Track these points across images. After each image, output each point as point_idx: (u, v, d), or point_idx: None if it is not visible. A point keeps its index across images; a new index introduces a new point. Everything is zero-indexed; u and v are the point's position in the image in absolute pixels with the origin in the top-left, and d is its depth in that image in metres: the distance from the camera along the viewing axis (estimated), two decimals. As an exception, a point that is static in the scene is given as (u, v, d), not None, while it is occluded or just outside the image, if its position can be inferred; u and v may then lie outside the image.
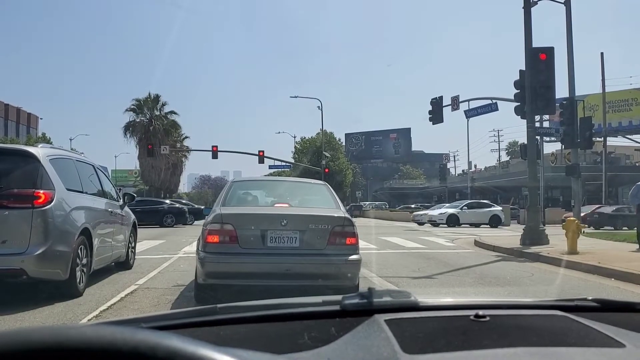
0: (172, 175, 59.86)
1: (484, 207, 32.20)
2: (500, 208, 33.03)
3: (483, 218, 30.80)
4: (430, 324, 1.23)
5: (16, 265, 5.93)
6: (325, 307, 1.32)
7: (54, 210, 6.27)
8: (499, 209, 32.53)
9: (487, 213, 31.27)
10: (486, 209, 31.95)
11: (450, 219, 30.19)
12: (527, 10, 14.73)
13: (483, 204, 33.64)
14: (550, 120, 42.86)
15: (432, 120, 22.01)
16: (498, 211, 31.83)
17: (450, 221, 30.00)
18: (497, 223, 30.34)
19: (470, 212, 31.07)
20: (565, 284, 8.44)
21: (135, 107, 54.87)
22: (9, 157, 6.72)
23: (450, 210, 31.53)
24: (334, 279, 6.09)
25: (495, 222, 30.37)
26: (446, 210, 31.88)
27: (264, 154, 41.01)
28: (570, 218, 12.45)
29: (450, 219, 30.14)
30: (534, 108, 14.46)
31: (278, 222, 6.00)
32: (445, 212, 31.36)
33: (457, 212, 30.94)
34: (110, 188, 9.24)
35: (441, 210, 32.91)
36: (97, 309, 5.97)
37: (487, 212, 31.44)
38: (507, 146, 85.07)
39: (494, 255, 12.91)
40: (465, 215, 30.81)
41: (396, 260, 11.27)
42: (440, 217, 30.73)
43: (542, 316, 1.34)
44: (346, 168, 62.59)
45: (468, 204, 32.63)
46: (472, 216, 30.88)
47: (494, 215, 31.04)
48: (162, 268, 9.50)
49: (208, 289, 6.08)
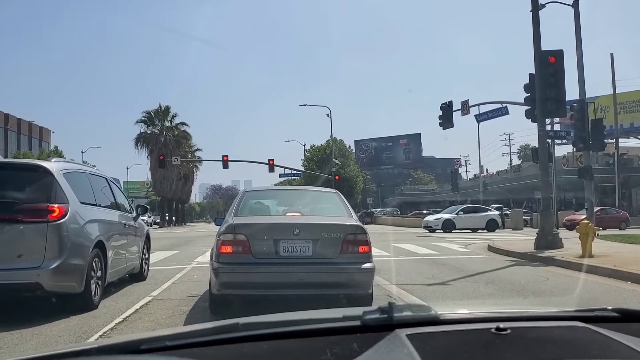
0: (184, 186, 60.27)
1: (480, 212, 31.82)
2: (497, 212, 32.69)
3: (480, 223, 30.35)
4: (452, 337, 1.23)
5: (32, 279, 5.97)
6: (346, 323, 1.32)
7: (69, 223, 6.31)
8: (495, 213, 32.17)
9: (483, 217, 30.84)
10: (482, 213, 31.58)
11: (446, 224, 29.79)
12: (536, 14, 14.69)
13: (479, 208, 33.32)
14: (561, 123, 42.72)
15: (442, 125, 21.90)
16: (495, 215, 31.48)
17: (445, 226, 29.62)
18: (494, 227, 29.95)
19: (466, 217, 30.61)
20: (581, 289, 8.37)
21: (146, 118, 55.30)
22: (24, 172, 6.79)
23: (446, 215, 31.12)
24: (347, 287, 6.06)
25: (492, 227, 29.93)
26: (442, 215, 31.54)
27: (274, 162, 41.09)
28: (584, 221, 12.33)
29: (445, 224, 29.76)
30: (545, 111, 14.40)
31: (290, 231, 5.99)
32: (441, 217, 31.05)
33: (453, 217, 30.48)
34: (123, 200, 9.29)
35: (436, 215, 32.69)
36: (112, 321, 5.99)
37: (484, 216, 31.02)
38: (519, 150, 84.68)
39: (507, 260, 12.82)
40: (461, 220, 30.34)
41: (410, 267, 11.23)
42: (436, 223, 30.39)
43: (562, 327, 1.33)
44: (356, 175, 62.58)
45: (464, 208, 32.22)
46: (468, 221, 30.42)
47: (490, 219, 30.63)
48: (176, 279, 9.53)
49: (222, 300, 6.10)
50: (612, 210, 34.02)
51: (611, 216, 30.93)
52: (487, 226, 30.04)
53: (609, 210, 33.34)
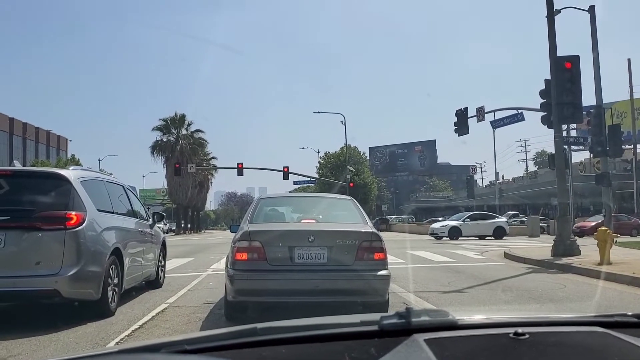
0: (199, 193, 60.54)
1: (487, 219, 31.44)
2: (504, 219, 32.33)
3: (487, 230, 30.02)
4: (470, 342, 1.23)
5: (50, 286, 6.03)
6: (363, 328, 1.32)
7: (86, 231, 6.37)
8: (503, 220, 31.84)
9: (490, 225, 30.45)
10: (490, 220, 31.21)
11: (452, 231, 29.49)
12: (551, 19, 14.61)
13: (486, 215, 32.96)
14: (578, 129, 42.29)
15: (457, 131, 21.81)
16: (502, 222, 31.17)
17: (452, 234, 29.31)
18: (502, 235, 29.60)
19: (473, 224, 30.22)
20: (600, 296, 8.27)
21: (162, 126, 55.73)
22: (42, 180, 6.87)
23: (452, 222, 30.80)
24: (363, 294, 6.05)
25: (499, 234, 29.59)
26: (448, 222, 31.26)
27: (288, 169, 41.20)
28: (602, 228, 12.19)
29: (452, 232, 29.46)
30: (561, 117, 14.28)
31: (305, 238, 5.99)
32: (447, 224, 30.77)
33: (460, 224, 30.14)
34: (139, 207, 9.35)
35: (443, 222, 32.44)
36: (128, 328, 6.02)
37: (491, 223, 30.64)
38: (535, 156, 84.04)
39: (524, 268, 12.71)
40: (468, 227, 29.96)
41: (426, 275, 11.17)
42: (442, 230, 30.13)
43: (581, 333, 1.32)
44: (371, 182, 62.48)
45: (470, 215, 31.88)
46: (475, 228, 30.04)
47: (498, 226, 30.28)
48: (192, 286, 9.57)
49: (238, 306, 6.11)
50: (623, 217, 33.40)
51: (622, 223, 30.04)
52: (494, 233, 29.72)
53: (620, 217, 32.73)
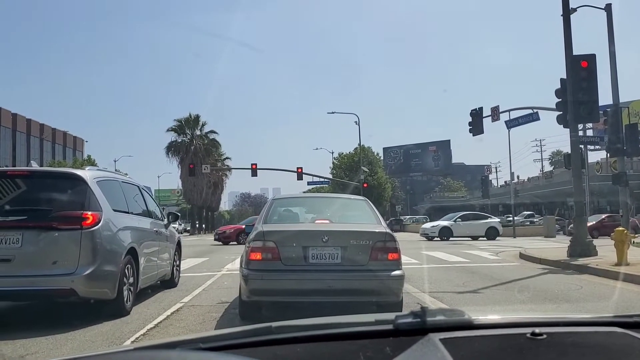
0: (214, 194, 60.78)
1: (480, 219, 31.08)
2: (497, 219, 31.92)
3: (479, 230, 29.67)
4: (486, 342, 1.21)
5: (66, 285, 6.09)
6: (378, 327, 1.32)
7: (102, 230, 6.43)
8: (496, 220, 31.45)
9: (483, 225, 30.10)
10: (482, 220, 30.85)
11: (443, 231, 29.23)
12: (567, 18, 14.46)
13: (479, 215, 32.61)
14: (595, 129, 41.89)
15: (472, 131, 21.68)
16: (495, 223, 30.73)
17: (442, 234, 29.06)
18: (495, 235, 29.27)
19: (464, 225, 29.86)
20: (617, 297, 8.18)
21: (177, 127, 56.04)
22: (59, 180, 6.94)
23: (443, 222, 30.45)
24: (377, 295, 6.04)
25: (492, 235, 29.26)
26: (439, 222, 30.90)
27: (302, 170, 41.20)
28: (619, 228, 12.05)
29: (442, 232, 29.21)
30: (577, 116, 14.12)
31: (319, 238, 6.00)
32: (438, 224, 30.51)
33: (451, 224, 29.83)
34: (154, 208, 9.41)
35: (434, 223, 32.18)
36: (144, 327, 6.06)
37: (483, 224, 30.27)
38: (550, 156, 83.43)
39: (540, 268, 12.61)
40: (459, 227, 29.65)
41: (440, 275, 11.12)
42: (433, 230, 29.89)
43: (600, 333, 1.30)
44: (385, 182, 62.34)
45: (462, 215, 31.48)
46: (467, 228, 29.68)
47: (490, 227, 29.90)
48: (207, 285, 9.61)
49: (252, 306, 6.13)
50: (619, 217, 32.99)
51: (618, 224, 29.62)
52: (486, 234, 29.38)
53: (617, 218, 32.35)
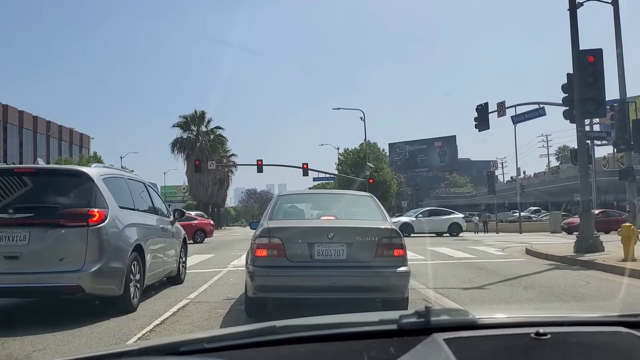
0: (219, 190, 60.92)
1: (442, 215, 30.60)
2: (461, 216, 31.45)
3: (441, 226, 29.29)
4: (491, 342, 1.21)
5: (73, 282, 6.12)
6: (382, 327, 1.32)
7: (108, 227, 6.45)
8: (459, 216, 30.97)
9: (445, 221, 29.67)
10: (445, 216, 30.36)
11: (403, 228, 28.09)
12: (573, 12, 14.38)
13: (442, 211, 32.00)
14: (601, 124, 41.66)
15: (477, 127, 21.64)
16: (458, 219, 30.29)
17: (402, 230, 28.20)
18: (458, 231, 29.01)
19: (426, 221, 29.39)
20: (624, 294, 8.15)
21: (182, 123, 56.14)
22: (65, 177, 6.97)
23: (404, 219, 29.85)
24: (382, 291, 6.04)
25: (455, 231, 28.98)
26: (399, 219, 29.96)
27: (307, 166, 41.20)
28: (626, 224, 12.00)
29: (402, 229, 28.46)
30: (584, 112, 14.06)
31: (325, 235, 6.00)
32: (398, 221, 29.31)
33: (412, 220, 29.42)
34: (160, 204, 9.44)
35: (394, 219, 31.65)
36: (150, 323, 6.09)
37: (446, 219, 29.83)
38: (557, 151, 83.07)
39: (546, 264, 12.57)
40: (420, 223, 29.16)
41: (446, 271, 11.11)
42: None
43: (605, 333, 1.30)
44: (390, 178, 62.27)
45: (424, 211, 31.34)
46: (428, 225, 29.09)
47: (453, 223, 29.52)
48: (213, 282, 9.63)
49: (258, 302, 6.14)
50: (614, 212, 32.72)
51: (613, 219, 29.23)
52: (449, 230, 29.13)
53: (612, 213, 32.12)
